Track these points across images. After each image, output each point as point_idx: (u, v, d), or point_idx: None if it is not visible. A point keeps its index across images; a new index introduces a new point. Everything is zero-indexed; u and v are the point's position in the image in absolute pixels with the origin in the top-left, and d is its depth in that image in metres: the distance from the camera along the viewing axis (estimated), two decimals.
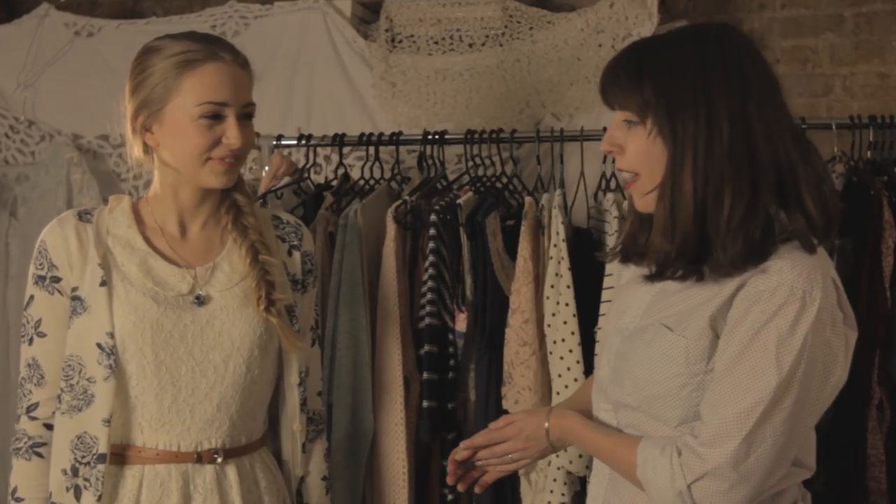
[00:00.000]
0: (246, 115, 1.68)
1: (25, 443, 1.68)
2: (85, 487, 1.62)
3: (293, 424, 1.80)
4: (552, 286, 2.20)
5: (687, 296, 1.44)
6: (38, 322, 1.67)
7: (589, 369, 1.91)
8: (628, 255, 1.59)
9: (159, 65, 1.65)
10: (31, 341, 1.68)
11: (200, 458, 1.67)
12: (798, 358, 1.34)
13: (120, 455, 1.65)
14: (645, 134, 1.45)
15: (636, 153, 1.47)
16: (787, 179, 1.41)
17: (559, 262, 2.18)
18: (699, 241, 1.41)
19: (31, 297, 1.68)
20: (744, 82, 1.41)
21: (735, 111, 1.40)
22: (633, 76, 1.46)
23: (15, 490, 1.68)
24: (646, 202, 1.49)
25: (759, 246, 1.38)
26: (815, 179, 1.42)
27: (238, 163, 1.68)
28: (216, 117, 1.64)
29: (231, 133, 1.64)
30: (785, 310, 1.35)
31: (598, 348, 1.64)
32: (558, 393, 2.14)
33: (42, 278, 1.67)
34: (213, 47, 1.66)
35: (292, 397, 1.78)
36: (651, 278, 1.49)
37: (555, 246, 2.20)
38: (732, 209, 1.38)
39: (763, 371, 1.34)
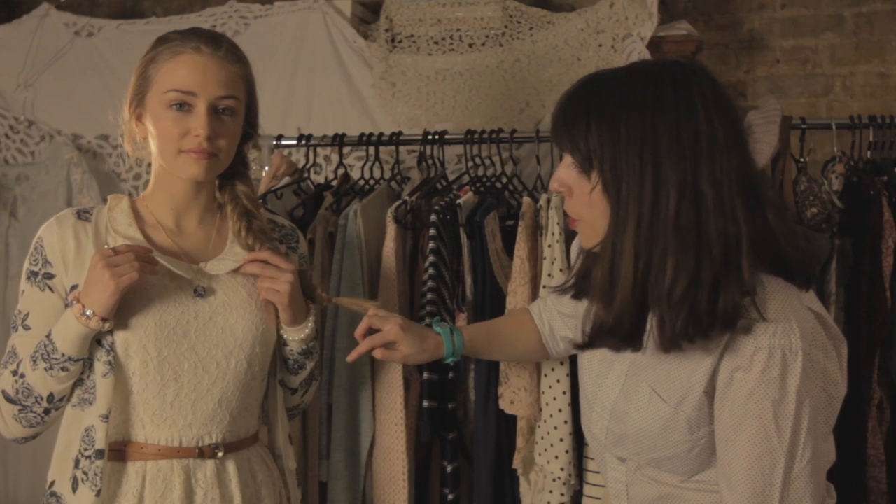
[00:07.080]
0: (223, 109, 1.66)
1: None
2: (82, 481, 1.62)
3: (278, 420, 1.82)
4: (544, 286, 2.19)
5: (669, 355, 1.36)
6: (26, 315, 1.68)
7: (574, 369, 1.89)
8: (583, 291, 1.52)
9: (149, 55, 1.68)
10: (15, 330, 1.70)
11: (202, 452, 1.68)
12: (798, 415, 1.29)
13: (122, 451, 1.66)
14: (588, 186, 1.37)
15: (580, 203, 1.40)
16: (733, 245, 1.30)
17: (552, 263, 2.17)
18: (637, 311, 1.32)
19: (23, 291, 1.70)
20: (697, 141, 1.29)
21: (683, 178, 1.29)
22: (581, 121, 1.35)
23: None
24: (590, 242, 1.42)
25: (705, 319, 1.29)
26: (768, 235, 1.33)
27: (214, 158, 1.66)
28: (185, 106, 1.63)
29: (197, 123, 1.63)
30: (769, 374, 1.30)
31: (582, 380, 1.58)
32: (543, 392, 2.14)
33: (35, 274, 1.68)
34: (197, 40, 1.66)
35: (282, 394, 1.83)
36: (580, 347, 1.41)
37: (549, 247, 2.19)
38: (674, 281, 1.28)
39: (767, 441, 1.29)
